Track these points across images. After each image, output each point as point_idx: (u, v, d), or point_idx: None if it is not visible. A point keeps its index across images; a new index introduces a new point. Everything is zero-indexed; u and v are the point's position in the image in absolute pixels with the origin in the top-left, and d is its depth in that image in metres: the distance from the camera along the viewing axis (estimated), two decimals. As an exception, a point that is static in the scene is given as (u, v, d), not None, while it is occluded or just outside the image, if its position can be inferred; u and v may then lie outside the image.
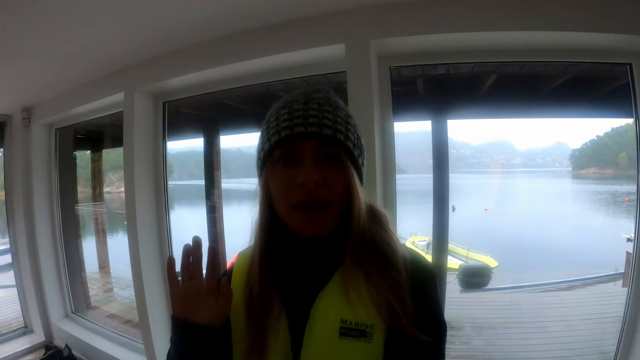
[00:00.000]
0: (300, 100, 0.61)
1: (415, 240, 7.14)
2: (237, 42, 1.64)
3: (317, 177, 0.56)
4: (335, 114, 0.61)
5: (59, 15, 1.42)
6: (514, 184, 15.36)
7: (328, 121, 0.59)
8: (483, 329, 3.64)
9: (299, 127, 0.58)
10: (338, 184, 0.59)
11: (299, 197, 0.57)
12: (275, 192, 0.61)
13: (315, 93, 0.63)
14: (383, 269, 0.60)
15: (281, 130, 0.59)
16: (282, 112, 0.61)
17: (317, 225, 0.59)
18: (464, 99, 2.51)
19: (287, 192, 0.59)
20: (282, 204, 0.60)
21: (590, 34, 1.31)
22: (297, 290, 0.62)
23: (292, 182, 0.57)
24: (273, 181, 0.61)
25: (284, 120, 0.59)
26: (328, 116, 0.59)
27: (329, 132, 0.58)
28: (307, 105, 0.60)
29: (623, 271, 4.11)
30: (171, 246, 2.21)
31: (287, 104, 0.62)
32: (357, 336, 0.57)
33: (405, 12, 1.37)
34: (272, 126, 0.60)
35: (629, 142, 7.94)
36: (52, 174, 2.91)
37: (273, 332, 0.61)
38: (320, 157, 0.58)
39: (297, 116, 0.59)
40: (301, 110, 0.59)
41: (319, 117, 0.59)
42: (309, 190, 0.56)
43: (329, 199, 0.58)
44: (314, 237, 0.60)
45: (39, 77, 2.18)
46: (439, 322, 0.60)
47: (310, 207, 0.58)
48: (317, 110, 0.60)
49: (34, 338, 2.90)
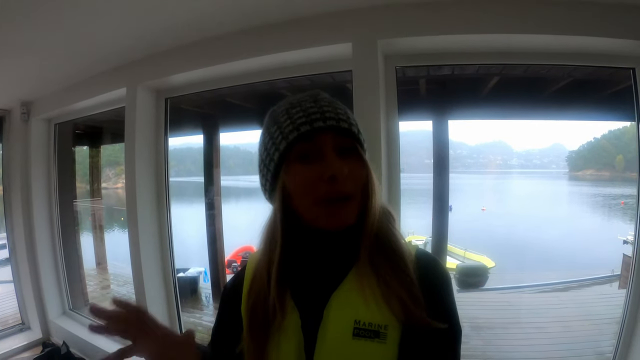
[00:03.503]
0: (309, 100, 0.62)
1: (413, 240, 7.15)
2: (242, 39, 1.63)
3: (347, 169, 0.57)
4: (345, 110, 0.62)
5: (60, 9, 1.40)
6: (511, 185, 15.43)
7: (342, 115, 0.60)
8: (481, 329, 3.66)
9: (318, 122, 0.58)
10: (359, 176, 0.60)
11: (325, 192, 0.57)
12: (298, 190, 0.60)
13: (319, 94, 0.63)
14: (394, 267, 0.60)
15: (299, 126, 0.58)
16: (294, 110, 0.60)
17: (343, 217, 0.59)
18: (465, 100, 2.52)
19: (311, 187, 0.58)
20: (305, 200, 0.60)
21: (594, 38, 1.33)
22: (310, 291, 0.62)
23: (317, 176, 0.57)
24: (293, 180, 0.60)
25: (300, 117, 0.59)
26: (341, 111, 0.61)
27: (346, 125, 0.60)
28: (319, 102, 0.61)
29: (619, 273, 4.14)
30: (172, 243, 2.21)
31: (296, 104, 0.62)
32: (371, 337, 0.56)
33: (413, 12, 1.37)
34: (286, 125, 0.60)
35: (626, 144, 8.01)
36: (51, 170, 2.88)
37: (282, 335, 0.60)
38: (338, 149, 0.59)
39: (313, 112, 0.59)
40: (315, 107, 0.60)
41: (334, 112, 0.60)
42: (339, 182, 0.57)
43: (354, 192, 0.59)
44: (339, 230, 0.60)
45: (39, 72, 2.16)
46: (452, 322, 0.60)
47: (337, 199, 0.58)
48: (330, 106, 0.61)
49: (31, 335, 2.88)
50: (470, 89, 2.43)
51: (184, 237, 3.16)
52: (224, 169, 4.78)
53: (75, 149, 3.33)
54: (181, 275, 4.69)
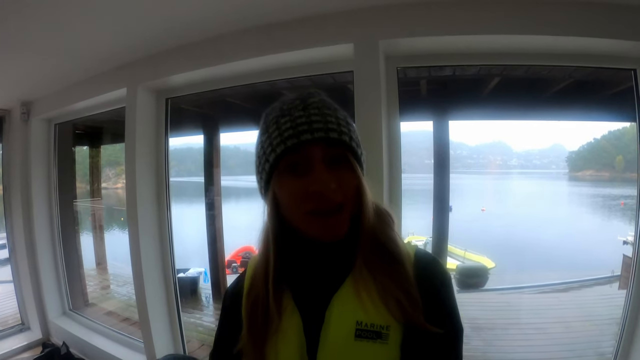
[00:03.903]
0: (298, 107, 0.59)
1: (413, 240, 7.15)
2: (243, 39, 1.63)
3: (334, 184, 0.56)
4: (336, 115, 0.60)
5: (61, 9, 1.40)
6: (511, 185, 15.43)
7: (332, 124, 0.58)
8: (481, 330, 3.65)
9: (305, 134, 0.56)
10: (349, 185, 0.59)
11: (314, 204, 0.57)
12: (287, 201, 0.59)
13: (310, 97, 0.61)
14: (391, 268, 0.60)
15: (286, 139, 0.57)
16: (283, 120, 0.59)
17: (335, 229, 0.59)
18: (466, 100, 2.52)
19: (301, 200, 0.57)
20: (296, 212, 0.59)
21: (595, 39, 1.33)
22: (311, 294, 0.62)
23: (304, 189, 0.56)
24: (282, 191, 0.59)
25: (287, 129, 0.57)
26: (331, 119, 0.59)
27: (335, 136, 0.58)
28: (308, 110, 0.59)
29: (619, 273, 4.14)
30: (172, 243, 2.20)
31: (285, 112, 0.60)
32: (373, 338, 0.56)
33: (415, 13, 1.37)
34: (275, 136, 0.58)
35: (626, 145, 7.99)
36: (51, 170, 2.88)
37: (281, 336, 0.60)
38: (328, 160, 0.58)
39: (300, 123, 0.57)
40: (303, 116, 0.58)
41: (323, 122, 0.58)
42: (326, 196, 0.56)
43: (343, 201, 0.58)
44: (331, 242, 0.60)
45: (40, 72, 2.16)
46: (453, 322, 0.60)
47: (326, 212, 0.57)
48: (319, 115, 0.58)
49: (31, 335, 2.88)
50: (471, 90, 2.44)
51: (184, 237, 3.15)
52: (224, 169, 4.78)
53: (75, 149, 3.33)
54: (181, 276, 4.69)
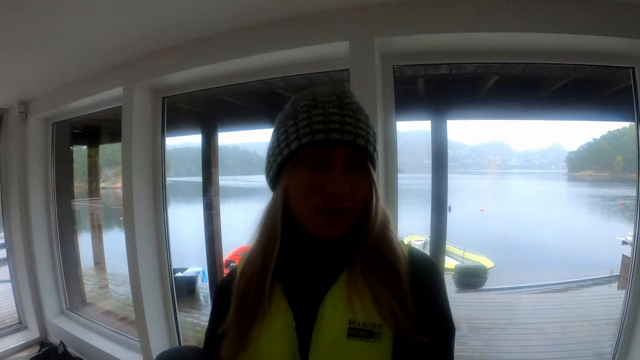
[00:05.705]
0: (334, 103, 0.59)
1: (411, 240, 7.16)
2: (238, 38, 1.62)
3: (348, 188, 0.56)
4: (367, 123, 0.60)
5: (58, 8, 1.39)
6: (510, 185, 15.45)
7: (362, 131, 0.58)
8: (479, 330, 3.65)
9: (335, 132, 0.56)
10: (361, 192, 0.60)
11: (323, 202, 0.57)
12: (297, 192, 0.60)
13: (345, 97, 0.61)
14: (386, 272, 0.60)
15: (315, 132, 0.57)
16: (315, 112, 0.58)
17: (335, 229, 0.59)
18: (464, 100, 2.51)
19: (311, 195, 0.58)
20: (303, 205, 0.59)
21: (594, 37, 1.32)
22: (304, 291, 0.62)
23: (318, 186, 0.57)
24: (294, 182, 0.59)
25: (318, 122, 0.57)
26: (362, 125, 0.59)
27: (362, 143, 0.58)
28: (342, 110, 0.58)
29: (618, 274, 4.14)
30: (168, 243, 2.20)
31: (319, 104, 0.59)
32: (366, 337, 0.56)
33: (410, 10, 1.36)
34: (303, 125, 0.58)
35: (625, 145, 8.01)
36: (49, 169, 2.88)
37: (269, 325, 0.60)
38: (348, 163, 0.58)
39: (333, 120, 0.57)
40: (337, 114, 0.58)
41: (354, 126, 0.58)
42: (338, 197, 0.56)
43: (351, 207, 0.59)
44: (330, 240, 0.60)
45: (37, 71, 2.15)
46: (445, 322, 0.60)
47: (332, 211, 0.57)
48: (352, 117, 0.58)
49: (28, 334, 2.87)
50: (469, 89, 2.42)
51: (183, 237, 3.15)
52: (223, 168, 4.77)
53: (74, 149, 3.33)
54: (179, 275, 4.69)
